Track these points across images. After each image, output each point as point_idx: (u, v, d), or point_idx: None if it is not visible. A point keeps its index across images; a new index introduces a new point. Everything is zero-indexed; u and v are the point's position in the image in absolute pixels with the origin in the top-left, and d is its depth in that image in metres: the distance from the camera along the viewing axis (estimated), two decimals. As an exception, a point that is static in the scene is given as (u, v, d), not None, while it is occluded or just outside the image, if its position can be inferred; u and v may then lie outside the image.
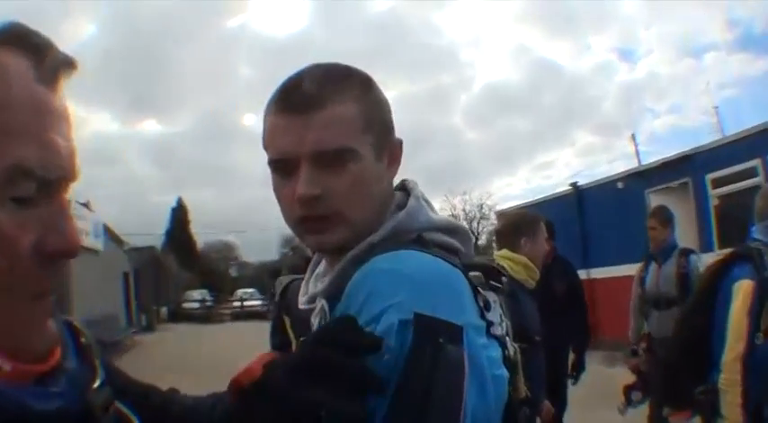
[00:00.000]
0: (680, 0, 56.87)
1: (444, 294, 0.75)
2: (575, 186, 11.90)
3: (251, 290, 36.25)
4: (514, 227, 2.95)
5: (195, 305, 31.66)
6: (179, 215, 48.62)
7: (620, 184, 10.52)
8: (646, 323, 4.37)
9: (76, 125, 0.60)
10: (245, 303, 31.92)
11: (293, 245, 13.87)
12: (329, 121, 0.82)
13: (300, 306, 0.95)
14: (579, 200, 11.52)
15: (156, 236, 41.70)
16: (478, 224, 35.48)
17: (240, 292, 36.42)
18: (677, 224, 4.49)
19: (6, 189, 0.54)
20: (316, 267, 0.97)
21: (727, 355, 2.04)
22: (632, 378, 4.37)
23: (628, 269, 5.68)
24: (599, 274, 10.29)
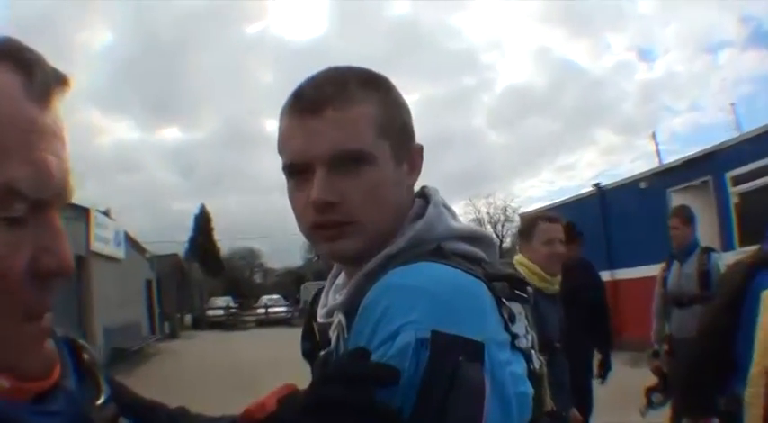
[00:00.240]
0: (693, -3, 56.19)
1: (464, 308, 0.71)
2: (597, 187, 11.86)
3: (276, 296, 36.16)
4: (518, 231, 2.97)
5: (219, 312, 31.54)
6: (202, 222, 49.12)
7: (642, 184, 10.46)
8: (667, 324, 4.33)
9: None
10: (269, 310, 31.75)
11: (316, 251, 13.82)
12: (345, 123, 0.78)
13: (319, 319, 0.91)
14: (602, 201, 11.47)
15: (180, 243, 42.21)
16: (503, 227, 35.45)
17: (265, 298, 36.15)
18: (698, 222, 4.45)
19: None
20: (335, 278, 0.94)
21: (754, 369, 2.01)
22: (655, 379, 4.33)
23: (652, 269, 5.62)
24: (623, 275, 10.22)
